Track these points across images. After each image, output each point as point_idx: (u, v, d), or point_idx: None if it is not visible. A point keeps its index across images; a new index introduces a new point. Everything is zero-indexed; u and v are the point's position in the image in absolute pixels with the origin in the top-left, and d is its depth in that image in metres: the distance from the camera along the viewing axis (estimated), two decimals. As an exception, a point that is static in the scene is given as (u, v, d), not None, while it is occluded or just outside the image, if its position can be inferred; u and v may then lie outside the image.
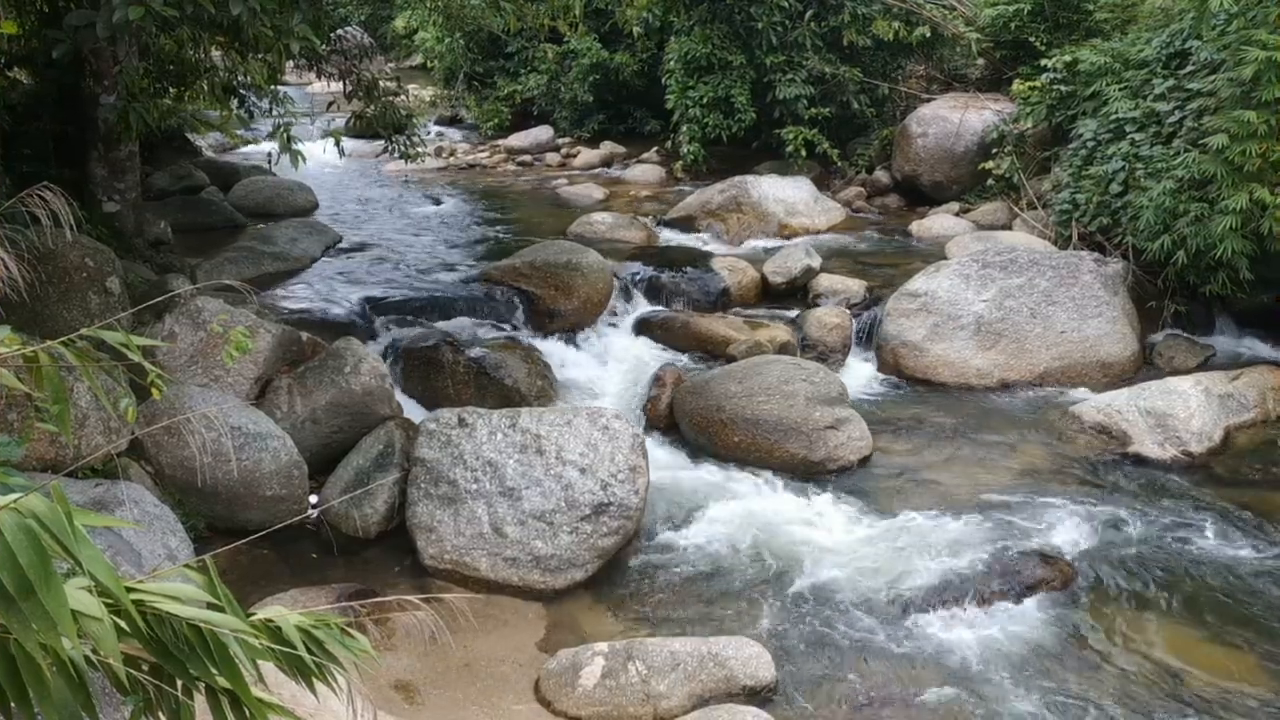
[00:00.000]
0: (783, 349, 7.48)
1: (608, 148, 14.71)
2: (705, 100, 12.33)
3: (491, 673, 4.45)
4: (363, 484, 5.53)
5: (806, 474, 6.13)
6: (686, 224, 10.70)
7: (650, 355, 7.72)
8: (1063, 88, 9.85)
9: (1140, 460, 6.27)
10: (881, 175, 12.17)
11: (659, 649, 4.32)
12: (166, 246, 8.19)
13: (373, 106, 7.82)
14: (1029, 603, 4.89)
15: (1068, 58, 9.80)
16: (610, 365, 7.60)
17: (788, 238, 10.26)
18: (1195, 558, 5.23)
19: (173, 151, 11.26)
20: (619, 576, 5.20)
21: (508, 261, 8.34)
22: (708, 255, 9.36)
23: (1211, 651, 4.55)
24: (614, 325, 8.18)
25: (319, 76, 7.83)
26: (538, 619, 4.90)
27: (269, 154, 7.66)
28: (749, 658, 4.32)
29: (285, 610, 1.71)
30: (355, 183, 13.10)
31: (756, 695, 4.25)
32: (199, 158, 12.18)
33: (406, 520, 5.36)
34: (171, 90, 8.37)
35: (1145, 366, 7.65)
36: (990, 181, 10.66)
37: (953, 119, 11.25)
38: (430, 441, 5.45)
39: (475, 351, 6.87)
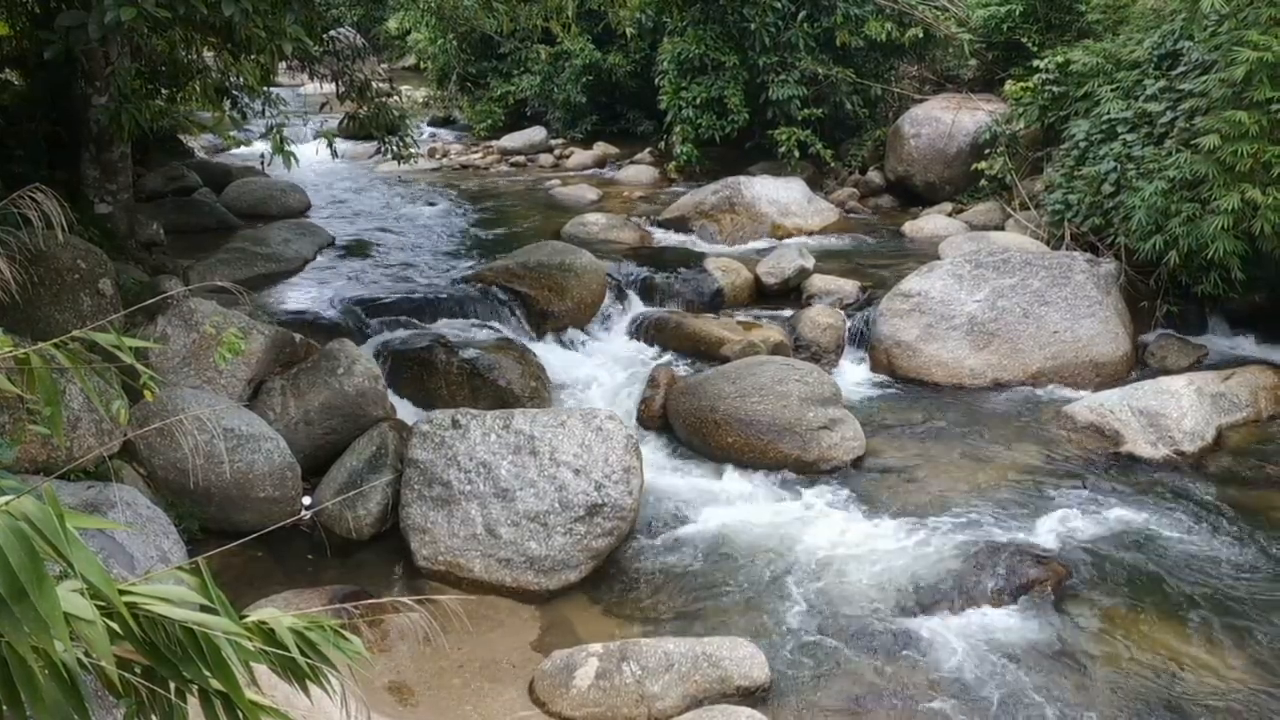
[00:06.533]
0: (776, 349, 7.49)
1: (601, 148, 14.72)
2: (698, 101, 12.34)
3: (486, 674, 4.45)
4: (356, 485, 5.52)
5: (800, 474, 6.13)
6: (680, 225, 10.70)
7: (644, 356, 7.73)
8: (1055, 88, 9.88)
9: (1133, 460, 6.29)
10: (874, 176, 12.19)
11: (653, 650, 4.32)
12: (159, 248, 8.18)
13: (366, 108, 7.81)
14: (1022, 602, 4.90)
15: (1060, 58, 9.83)
16: (604, 366, 7.60)
17: (781, 238, 10.28)
18: (1188, 557, 5.25)
19: (165, 153, 11.23)
20: (613, 577, 5.20)
21: (501, 262, 8.34)
22: (701, 256, 9.37)
23: (1204, 650, 4.56)
24: (608, 326, 8.19)
25: (312, 78, 7.81)
26: (532, 620, 4.90)
27: (262, 155, 7.66)
28: (743, 658, 4.32)
29: (278, 612, 1.71)
30: (348, 184, 13.09)
31: (751, 696, 4.25)
32: (192, 159, 12.16)
33: (400, 522, 5.36)
34: (164, 91, 8.36)
35: (1138, 366, 7.68)
36: (983, 182, 10.69)
37: (945, 119, 11.27)
38: (424, 443, 5.44)
39: (469, 353, 6.86)
